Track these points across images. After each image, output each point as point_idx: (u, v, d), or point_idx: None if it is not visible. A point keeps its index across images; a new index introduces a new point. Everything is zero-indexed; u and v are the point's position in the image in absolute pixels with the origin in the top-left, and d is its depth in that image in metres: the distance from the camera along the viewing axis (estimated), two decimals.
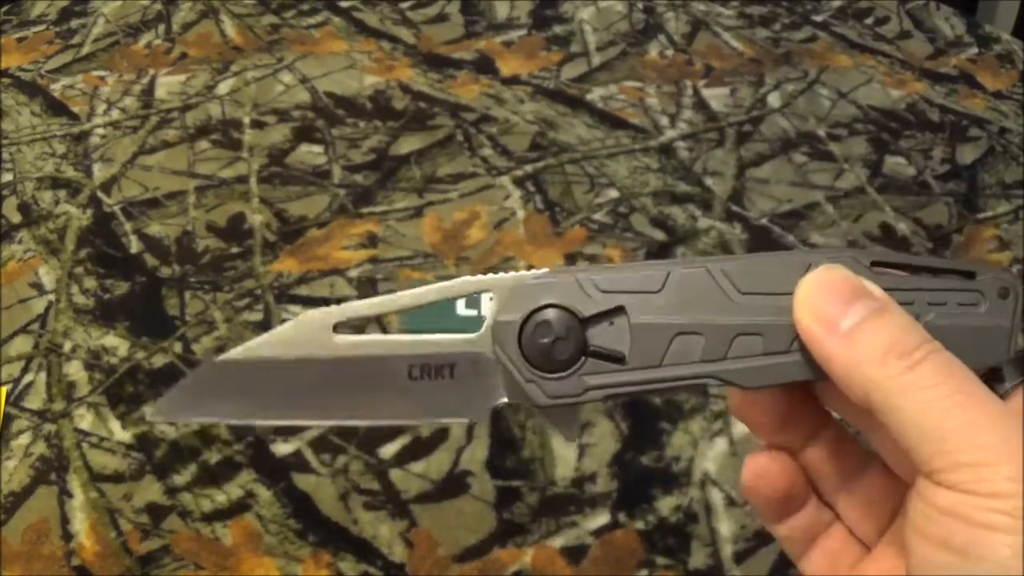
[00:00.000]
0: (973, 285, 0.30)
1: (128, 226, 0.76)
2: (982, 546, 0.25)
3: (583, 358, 0.30)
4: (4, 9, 1.01)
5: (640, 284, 0.30)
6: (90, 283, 0.72)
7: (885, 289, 0.29)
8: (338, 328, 0.32)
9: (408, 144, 0.84)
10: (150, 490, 0.59)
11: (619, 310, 0.30)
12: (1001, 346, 0.30)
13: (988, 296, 0.30)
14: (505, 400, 0.31)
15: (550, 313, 0.30)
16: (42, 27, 0.98)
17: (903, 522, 0.29)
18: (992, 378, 0.30)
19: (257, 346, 0.31)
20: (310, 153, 0.83)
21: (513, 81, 0.92)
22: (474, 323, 0.63)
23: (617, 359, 0.29)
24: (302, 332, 0.32)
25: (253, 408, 0.32)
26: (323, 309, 0.32)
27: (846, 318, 0.28)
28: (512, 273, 0.30)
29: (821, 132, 0.87)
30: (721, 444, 0.62)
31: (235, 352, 0.31)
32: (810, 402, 0.33)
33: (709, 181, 0.81)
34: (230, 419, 0.33)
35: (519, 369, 0.30)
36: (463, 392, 0.31)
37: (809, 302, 0.29)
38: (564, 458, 0.61)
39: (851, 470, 0.34)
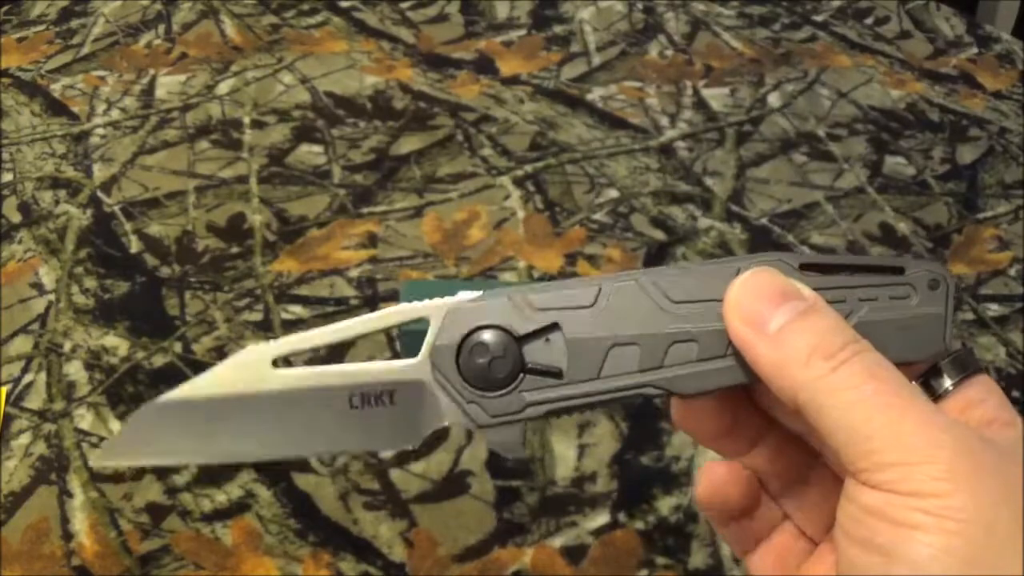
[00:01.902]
0: (903, 279, 0.30)
1: (128, 226, 0.76)
2: (903, 545, 0.25)
3: (521, 375, 0.30)
4: (4, 9, 1.01)
5: (573, 300, 0.30)
6: (90, 283, 0.72)
7: (816, 289, 0.29)
8: (277, 363, 0.32)
9: (408, 144, 0.84)
10: (150, 490, 0.59)
11: (554, 326, 0.30)
12: (937, 335, 0.30)
13: (919, 289, 0.30)
14: (446, 424, 0.31)
15: (486, 334, 0.30)
16: (42, 27, 0.98)
17: None
18: (932, 376, 0.30)
19: (196, 386, 0.32)
20: (310, 153, 0.83)
21: (513, 81, 0.92)
22: None
23: (555, 374, 0.30)
24: (240, 369, 0.32)
25: (198, 447, 0.32)
26: (260, 345, 0.32)
27: (773, 320, 0.28)
28: (447, 298, 0.31)
29: (821, 132, 0.87)
30: None
31: (175, 392, 0.32)
32: (751, 407, 0.33)
33: (709, 181, 0.81)
34: (176, 460, 0.33)
35: (459, 391, 0.30)
36: (403, 418, 0.31)
37: (738, 305, 0.29)
38: (564, 458, 0.61)
39: (797, 471, 0.34)
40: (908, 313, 0.30)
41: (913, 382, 0.30)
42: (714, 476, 0.33)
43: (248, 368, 0.32)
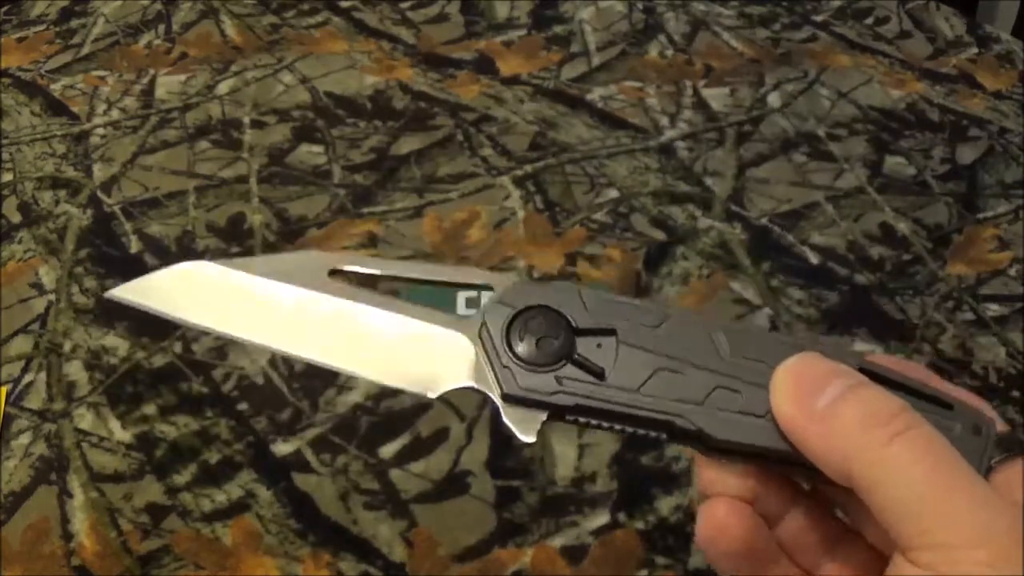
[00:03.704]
0: (950, 415, 0.30)
1: (128, 226, 0.76)
2: None
3: (564, 362, 0.30)
4: (4, 9, 1.01)
5: (638, 315, 0.30)
6: (90, 283, 0.72)
7: None
8: (333, 274, 0.32)
9: (408, 144, 0.84)
10: (150, 490, 0.59)
11: (611, 331, 0.30)
12: None
13: (964, 426, 0.29)
14: (471, 384, 0.30)
15: (545, 314, 0.30)
16: (42, 27, 0.98)
17: None
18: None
19: (252, 263, 0.32)
20: (310, 153, 0.83)
21: (513, 81, 0.92)
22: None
23: (597, 373, 0.30)
24: (300, 266, 0.32)
25: (227, 317, 0.32)
26: (324, 253, 0.32)
27: (822, 397, 0.28)
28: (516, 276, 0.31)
29: (821, 132, 0.87)
30: None
31: (230, 261, 0.32)
32: (779, 482, 0.32)
33: (709, 181, 0.81)
34: (198, 319, 0.33)
35: (499, 354, 0.30)
36: (432, 365, 0.31)
37: (785, 387, 0.29)
38: (564, 458, 0.61)
39: (829, 542, 0.33)
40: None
41: None
42: (718, 514, 0.32)
43: (307, 268, 0.32)
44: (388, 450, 0.62)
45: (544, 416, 0.30)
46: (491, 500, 0.59)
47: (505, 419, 0.30)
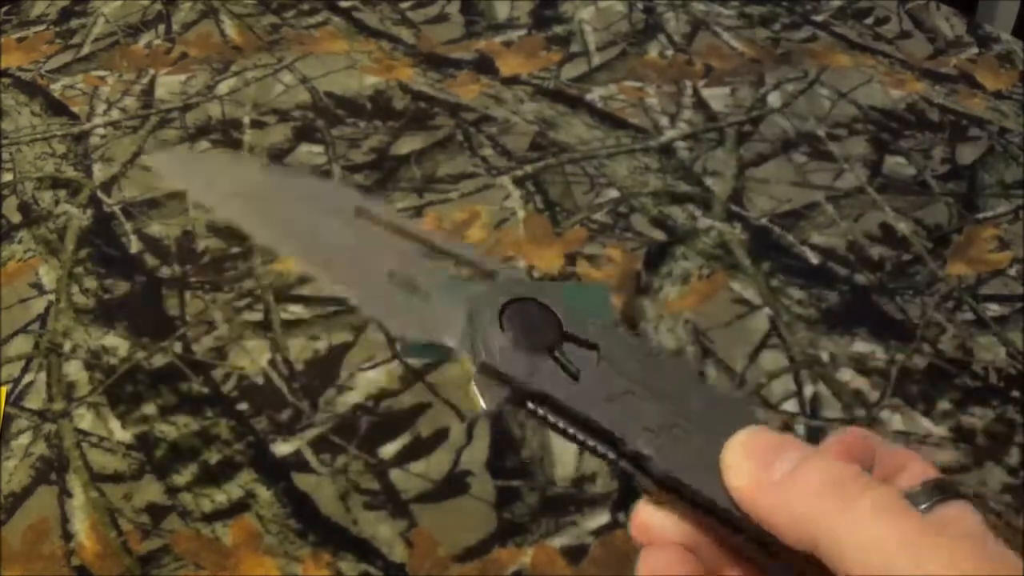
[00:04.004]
0: None
1: (128, 226, 0.76)
2: None
3: (545, 355, 0.31)
4: (4, 9, 1.01)
5: (625, 342, 0.31)
6: (90, 283, 0.72)
7: None
8: (359, 213, 0.33)
9: (408, 144, 0.84)
10: (150, 490, 0.59)
11: (594, 346, 0.31)
12: None
13: None
14: (449, 344, 0.32)
15: (541, 308, 0.31)
16: (42, 27, 0.98)
17: None
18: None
19: (287, 174, 0.33)
20: (310, 153, 0.83)
21: (513, 81, 0.92)
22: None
23: (571, 373, 0.30)
24: (330, 196, 0.34)
25: (247, 215, 0.34)
26: (357, 194, 0.34)
27: (776, 469, 0.28)
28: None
29: (821, 132, 0.87)
30: None
31: (270, 167, 0.33)
32: (718, 548, 0.32)
33: (709, 181, 0.81)
34: (218, 207, 0.35)
35: (488, 325, 0.31)
36: (420, 313, 0.33)
37: (737, 462, 0.28)
38: (564, 458, 0.61)
39: None
40: None
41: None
42: (658, 563, 0.31)
43: (336, 201, 0.34)
44: (388, 450, 0.62)
45: (507, 392, 0.31)
46: (491, 500, 0.59)
47: (473, 384, 0.31)
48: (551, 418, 0.31)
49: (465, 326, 0.32)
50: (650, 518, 0.31)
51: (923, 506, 0.29)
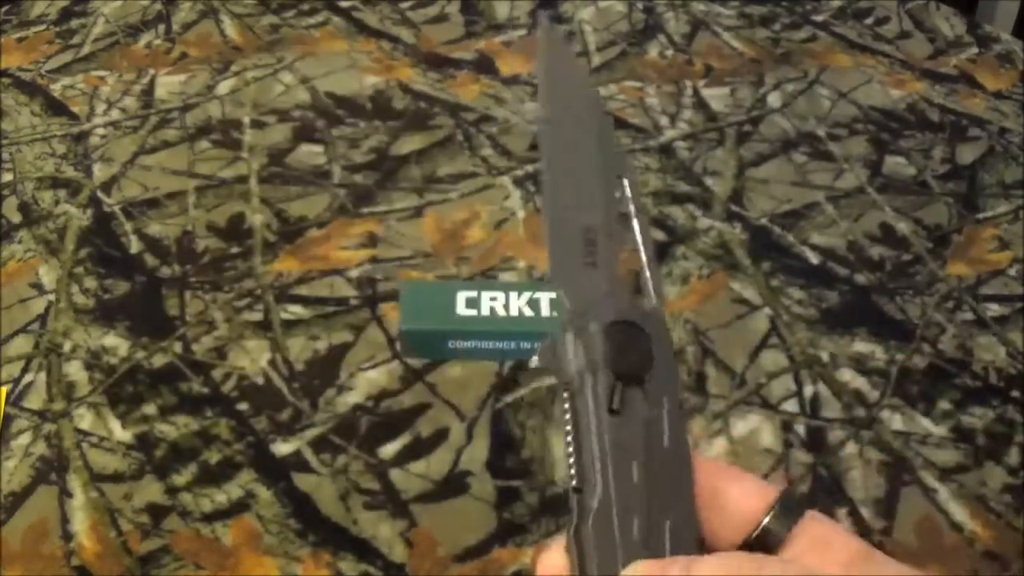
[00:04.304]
0: None
1: (128, 226, 0.76)
2: None
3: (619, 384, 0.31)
4: (4, 9, 1.01)
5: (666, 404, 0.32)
6: (90, 283, 0.72)
7: None
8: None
9: (408, 144, 0.84)
10: (150, 490, 0.59)
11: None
12: None
13: None
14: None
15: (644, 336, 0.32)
16: (42, 27, 0.98)
17: None
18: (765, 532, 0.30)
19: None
20: (310, 153, 0.83)
21: (513, 81, 0.92)
22: (473, 322, 0.64)
23: (613, 410, 0.31)
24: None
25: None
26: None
27: None
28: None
29: (821, 132, 0.87)
30: (720, 444, 0.62)
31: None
32: None
33: (709, 181, 0.81)
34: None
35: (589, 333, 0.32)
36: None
37: None
38: (564, 458, 0.61)
39: None
40: None
41: (753, 532, 0.30)
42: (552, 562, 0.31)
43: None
44: (388, 450, 0.62)
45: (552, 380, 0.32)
46: (491, 500, 0.59)
47: (534, 358, 0.32)
48: (567, 428, 0.31)
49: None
50: (557, 563, 0.31)
51: (787, 529, 0.30)
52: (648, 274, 0.34)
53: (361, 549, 0.57)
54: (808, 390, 0.65)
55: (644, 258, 0.34)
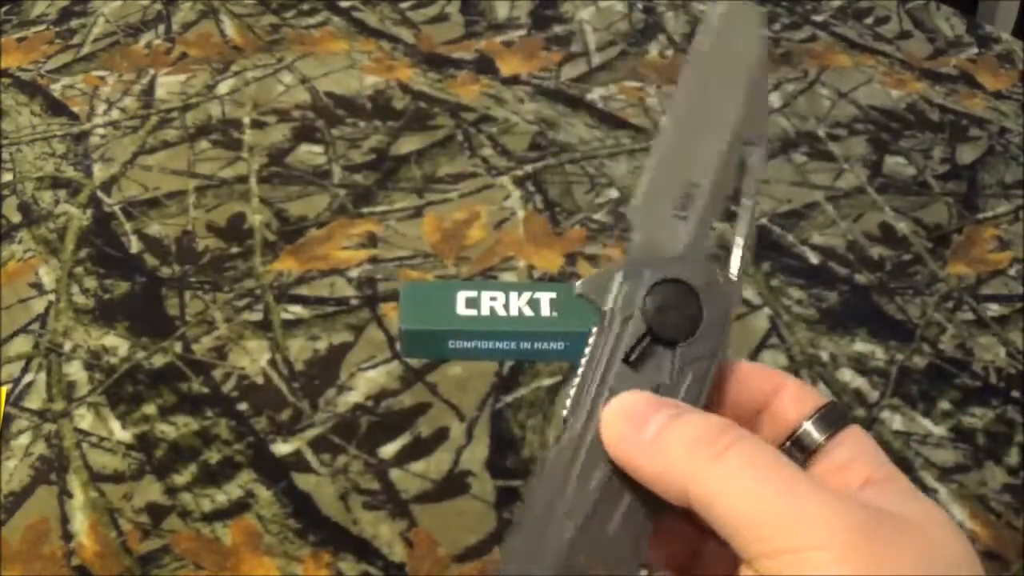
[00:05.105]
0: None
1: (128, 226, 0.76)
2: None
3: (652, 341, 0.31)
4: (4, 9, 1.01)
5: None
6: (90, 283, 0.72)
7: None
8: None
9: (408, 144, 0.84)
10: (150, 490, 0.59)
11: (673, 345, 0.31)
12: None
13: None
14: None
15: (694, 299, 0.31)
16: (42, 27, 0.98)
17: None
18: (803, 434, 0.30)
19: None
20: (310, 153, 0.83)
21: (513, 81, 0.92)
22: (473, 322, 0.64)
23: (631, 362, 0.30)
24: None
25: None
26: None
27: (648, 429, 0.28)
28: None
29: (821, 132, 0.87)
30: None
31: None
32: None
33: None
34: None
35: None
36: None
37: (612, 425, 0.29)
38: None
39: (689, 555, 0.33)
40: None
41: (787, 441, 0.30)
42: None
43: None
44: (388, 450, 0.62)
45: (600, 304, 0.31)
46: (491, 500, 0.59)
47: (580, 282, 0.31)
48: (584, 354, 0.31)
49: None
50: None
51: (823, 437, 0.30)
52: (737, 251, 0.32)
53: (361, 549, 0.57)
54: None
55: (741, 233, 0.32)
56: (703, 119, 0.33)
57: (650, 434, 0.28)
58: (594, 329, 0.31)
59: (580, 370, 0.31)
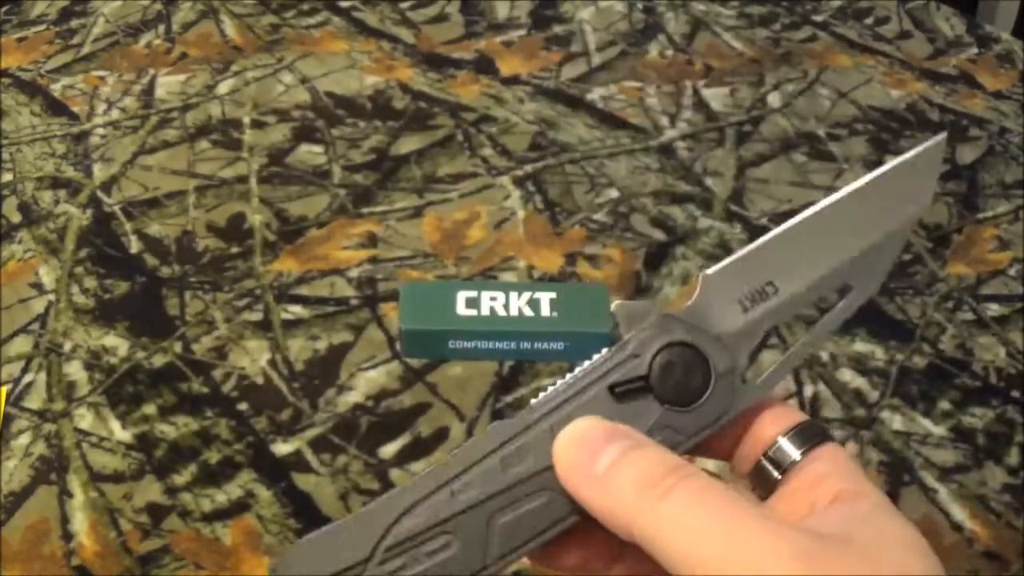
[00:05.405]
0: None
1: (128, 226, 0.76)
2: None
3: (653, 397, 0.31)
4: (4, 9, 1.01)
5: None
6: (90, 283, 0.72)
7: None
8: None
9: (408, 144, 0.84)
10: (150, 490, 0.59)
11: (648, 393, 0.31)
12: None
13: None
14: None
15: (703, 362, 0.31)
16: (42, 27, 0.98)
17: None
18: (778, 450, 0.30)
19: None
20: (310, 153, 0.83)
21: (513, 81, 0.92)
22: (473, 322, 0.64)
23: (616, 394, 0.31)
24: None
25: None
26: None
27: (600, 462, 0.28)
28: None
29: (821, 132, 0.87)
30: None
31: None
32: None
33: (709, 181, 0.81)
34: None
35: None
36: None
37: (565, 454, 0.29)
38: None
39: None
40: None
41: (761, 458, 0.30)
42: None
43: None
44: (388, 450, 0.62)
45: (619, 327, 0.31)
46: None
47: (618, 303, 0.31)
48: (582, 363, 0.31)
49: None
50: None
51: (798, 453, 0.30)
52: (777, 369, 0.32)
53: None
54: (808, 390, 0.65)
55: (790, 357, 0.32)
56: (829, 233, 0.32)
57: (601, 468, 0.28)
58: (604, 349, 0.31)
59: (569, 375, 0.31)
